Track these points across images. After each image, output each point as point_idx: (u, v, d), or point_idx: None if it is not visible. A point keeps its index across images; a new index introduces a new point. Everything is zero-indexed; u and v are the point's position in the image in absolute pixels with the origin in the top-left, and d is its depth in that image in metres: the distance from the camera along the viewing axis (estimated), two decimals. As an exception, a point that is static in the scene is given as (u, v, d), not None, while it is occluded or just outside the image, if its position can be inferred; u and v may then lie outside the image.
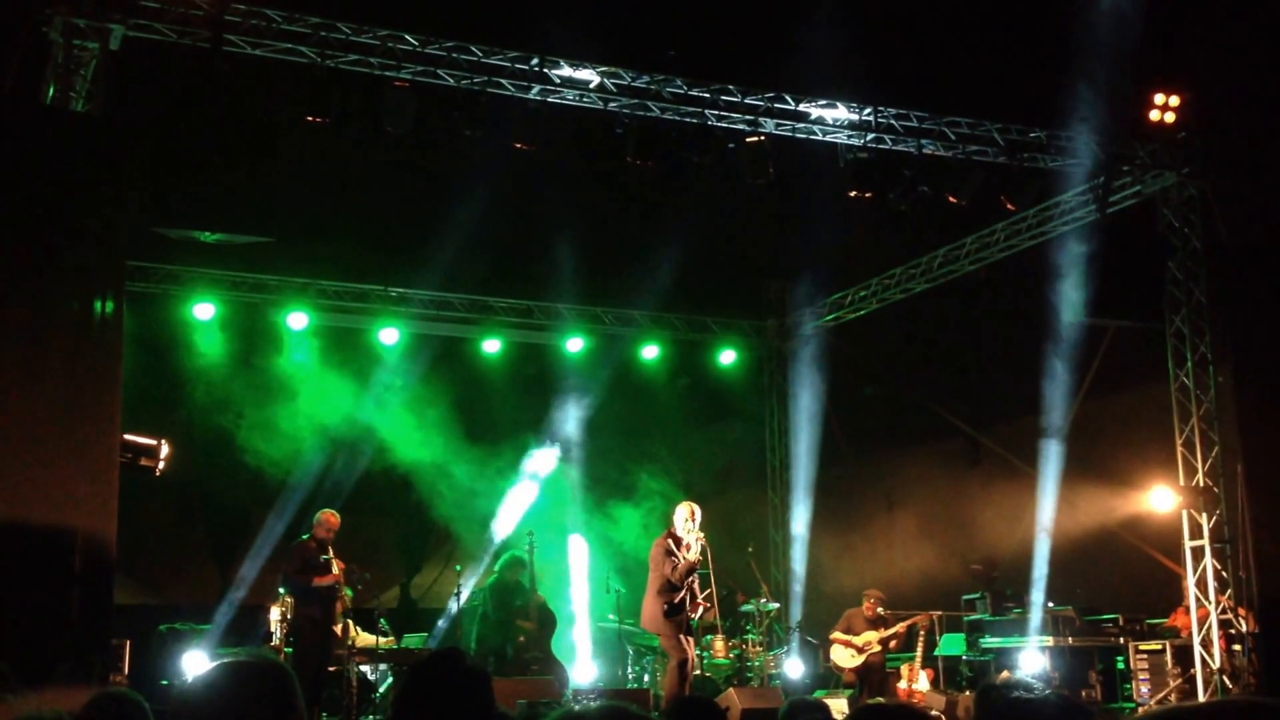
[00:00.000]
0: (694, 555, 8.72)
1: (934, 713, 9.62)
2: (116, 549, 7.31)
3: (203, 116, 7.85)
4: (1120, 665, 10.43)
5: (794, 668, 11.62)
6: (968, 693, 10.29)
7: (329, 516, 9.49)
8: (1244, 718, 0.94)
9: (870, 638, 11.07)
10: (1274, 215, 10.63)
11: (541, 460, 12.79)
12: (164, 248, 11.41)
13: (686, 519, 8.85)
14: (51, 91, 8.20)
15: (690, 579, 8.70)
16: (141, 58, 8.23)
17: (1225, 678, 9.48)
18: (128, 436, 7.95)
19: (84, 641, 6.96)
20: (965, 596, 11.85)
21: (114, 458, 7.44)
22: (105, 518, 7.22)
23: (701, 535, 8.83)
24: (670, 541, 8.80)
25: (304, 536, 9.51)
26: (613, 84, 9.32)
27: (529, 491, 12.80)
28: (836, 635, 11.27)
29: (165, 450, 8.39)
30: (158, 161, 7.78)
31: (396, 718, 2.73)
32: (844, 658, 11.16)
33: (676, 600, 8.66)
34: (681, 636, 8.68)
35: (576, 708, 1.33)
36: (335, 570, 9.26)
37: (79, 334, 7.39)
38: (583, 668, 11.77)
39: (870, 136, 9.84)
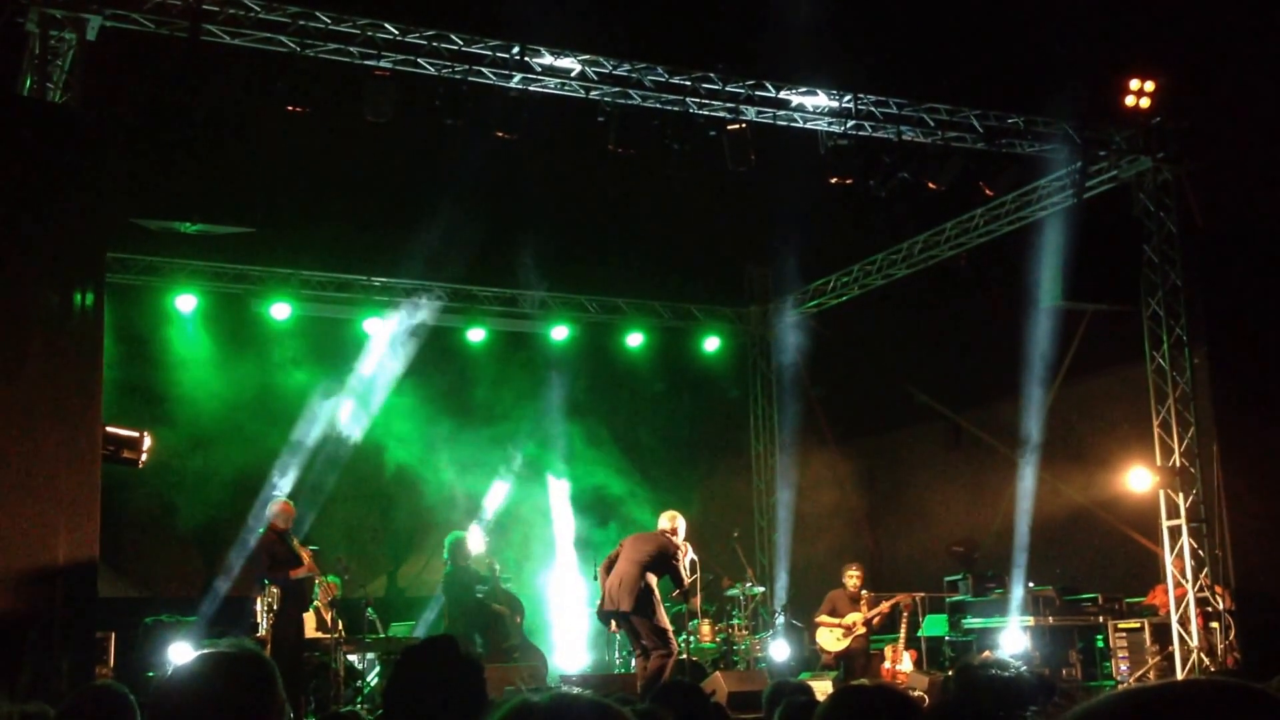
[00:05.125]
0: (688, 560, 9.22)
1: (917, 693, 9.73)
2: (100, 542, 7.31)
3: (181, 107, 7.80)
4: (1100, 644, 10.57)
5: (779, 650, 11.72)
6: (950, 673, 10.39)
7: (284, 506, 9.40)
8: (1213, 699, 0.98)
9: (855, 618, 11.14)
10: (1247, 198, 10.76)
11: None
12: (144, 239, 11.36)
13: (682, 532, 9.30)
14: (28, 82, 8.14)
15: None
16: (119, 48, 8.17)
17: (1203, 655, 9.64)
18: (110, 429, 7.93)
19: (69, 635, 6.96)
20: (947, 578, 11.98)
21: (96, 451, 7.42)
22: (88, 511, 7.21)
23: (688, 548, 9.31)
24: (676, 543, 9.20)
25: (261, 530, 9.45)
26: (594, 72, 9.32)
27: (513, 481, 12.86)
28: (822, 619, 11.30)
29: (148, 443, 8.37)
30: (136, 152, 7.73)
31: (388, 707, 2.75)
32: (829, 641, 11.22)
33: (680, 591, 9.17)
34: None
35: (534, 698, 1.36)
36: (305, 559, 9.20)
37: (59, 326, 7.35)
38: (572, 655, 11.84)
39: (850, 123, 9.88)
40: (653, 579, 8.93)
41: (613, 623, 9.26)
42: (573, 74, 9.28)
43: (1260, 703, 0.96)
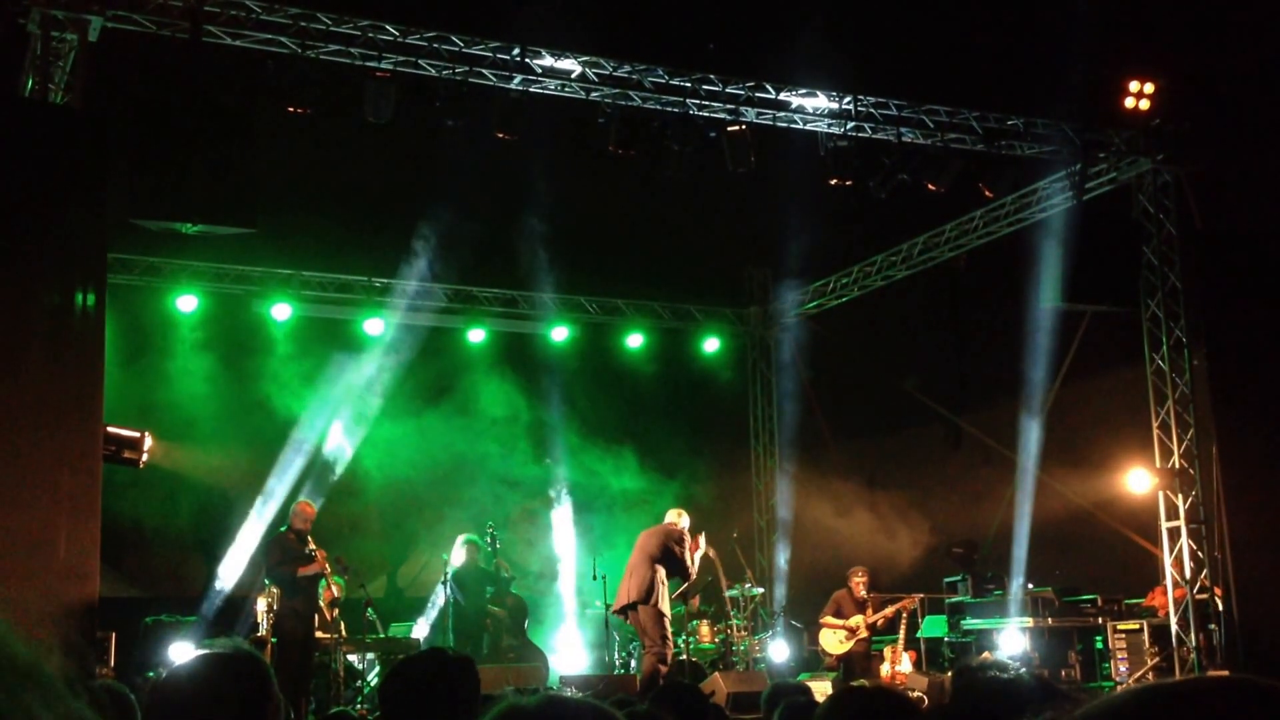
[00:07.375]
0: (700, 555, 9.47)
1: (916, 694, 9.73)
2: (100, 542, 7.32)
3: (182, 108, 7.82)
4: (1099, 645, 10.59)
5: (779, 651, 11.72)
6: (950, 674, 10.39)
7: (305, 507, 9.48)
8: (1223, 695, 0.98)
9: (859, 621, 11.09)
10: (1247, 200, 10.77)
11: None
12: (145, 239, 11.36)
13: (688, 528, 9.48)
14: (30, 84, 8.16)
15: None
16: (120, 49, 8.19)
17: (1201, 656, 9.65)
18: (110, 429, 7.95)
19: (69, 635, 6.96)
20: (946, 579, 11.99)
21: (97, 451, 7.44)
22: (89, 510, 7.23)
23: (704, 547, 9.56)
24: (680, 531, 9.35)
25: (282, 529, 9.53)
26: (594, 74, 9.33)
27: (513, 481, 12.89)
28: (828, 620, 11.20)
29: (148, 443, 8.39)
30: (137, 153, 7.75)
31: (383, 707, 2.77)
32: (832, 644, 11.14)
33: (680, 591, 9.40)
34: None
35: (523, 701, 1.37)
36: (319, 560, 9.26)
37: (60, 327, 7.37)
38: (571, 656, 11.84)
39: (850, 125, 9.89)
40: (662, 572, 9.09)
41: (628, 617, 9.40)
42: (573, 75, 9.29)
43: (1276, 699, 0.95)
